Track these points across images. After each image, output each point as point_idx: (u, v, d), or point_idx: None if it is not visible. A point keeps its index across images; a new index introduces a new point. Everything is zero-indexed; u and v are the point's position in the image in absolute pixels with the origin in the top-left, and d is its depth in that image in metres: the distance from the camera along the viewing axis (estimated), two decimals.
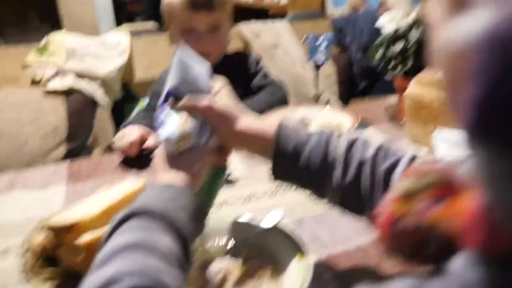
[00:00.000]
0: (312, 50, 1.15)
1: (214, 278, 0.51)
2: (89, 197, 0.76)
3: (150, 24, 2.05)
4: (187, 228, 0.45)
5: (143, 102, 2.03)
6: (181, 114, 0.55)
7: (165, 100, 0.56)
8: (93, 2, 3.03)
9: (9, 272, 0.67)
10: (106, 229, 0.47)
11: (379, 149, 0.51)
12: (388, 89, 1.88)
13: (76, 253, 0.61)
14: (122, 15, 3.55)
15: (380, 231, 0.32)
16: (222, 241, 0.63)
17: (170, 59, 0.55)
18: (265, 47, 2.02)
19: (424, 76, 0.98)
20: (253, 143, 0.56)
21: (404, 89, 1.06)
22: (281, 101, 1.17)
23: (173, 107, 0.55)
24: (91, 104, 1.86)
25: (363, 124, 1.15)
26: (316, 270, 0.61)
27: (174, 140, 0.52)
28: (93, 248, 0.60)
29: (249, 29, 2.07)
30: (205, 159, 0.54)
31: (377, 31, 2.38)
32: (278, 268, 0.58)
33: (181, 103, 0.55)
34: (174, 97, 0.56)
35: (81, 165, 1.04)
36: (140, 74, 2.03)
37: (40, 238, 0.67)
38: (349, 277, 0.61)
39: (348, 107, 1.41)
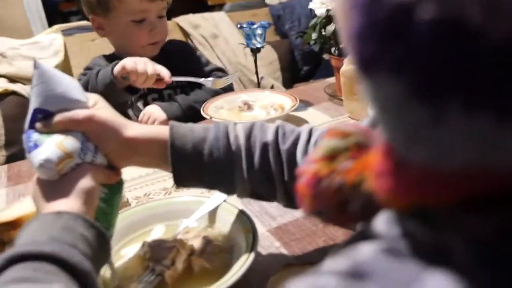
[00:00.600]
0: (247, 37, 1.17)
1: (166, 255, 0.52)
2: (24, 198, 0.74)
3: (83, 22, 1.97)
4: (84, 263, 0.38)
5: None
6: (54, 134, 0.48)
7: (32, 120, 0.49)
8: (23, 5, 2.87)
9: None
10: None
11: (277, 130, 0.52)
12: (330, 72, 1.95)
13: None
14: (55, 15, 3.38)
15: (302, 191, 0.31)
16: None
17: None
18: (205, 38, 2.02)
19: None
20: (147, 151, 0.52)
21: (339, 67, 1.12)
22: (227, 88, 1.19)
23: (44, 127, 0.48)
24: (28, 107, 1.78)
25: (305, 103, 1.19)
26: (266, 240, 0.64)
27: (54, 162, 0.45)
28: None
29: (188, 21, 2.06)
30: (94, 177, 0.47)
31: (314, 17, 2.45)
32: (227, 242, 0.60)
33: (54, 119, 0.48)
34: (43, 116, 0.48)
35: (20, 167, 1.00)
36: (77, 72, 1.96)
37: None
38: (299, 243, 0.64)
39: (290, 90, 1.45)
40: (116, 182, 0.52)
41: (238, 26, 1.17)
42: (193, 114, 1.15)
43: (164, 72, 0.97)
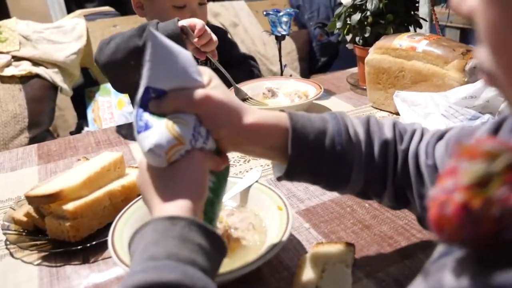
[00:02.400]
0: (273, 24, 1.18)
1: None
2: (63, 173, 0.76)
3: (106, 8, 1.99)
4: (205, 280, 0.37)
5: (106, 87, 2.01)
6: (166, 116, 0.44)
7: (144, 99, 0.45)
8: None
9: None
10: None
11: (394, 127, 0.51)
12: (346, 64, 1.95)
13: (62, 221, 0.62)
14: (71, 2, 3.42)
15: (445, 222, 0.28)
16: None
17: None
18: (225, 26, 2.03)
19: (381, 43, 1.03)
20: (264, 140, 0.48)
21: (364, 57, 1.12)
22: (259, 74, 1.20)
23: (157, 107, 0.45)
24: (51, 89, 1.81)
25: (327, 92, 1.20)
26: (295, 221, 0.66)
27: (164, 149, 0.42)
28: (79, 215, 0.62)
29: (208, 9, 2.06)
30: (204, 166, 0.45)
31: (334, 8, 2.45)
32: (259, 221, 0.62)
33: (167, 99, 0.45)
34: (156, 94, 0.45)
35: (50, 146, 1.03)
36: None
37: (23, 211, 0.68)
38: (328, 224, 0.65)
39: (313, 79, 1.46)
40: (223, 168, 0.49)
41: (264, 13, 1.18)
42: None
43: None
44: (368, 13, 1.11)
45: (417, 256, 0.58)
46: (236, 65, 1.22)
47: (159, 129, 0.43)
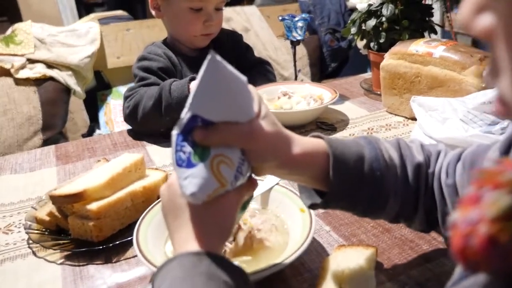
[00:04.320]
0: (288, 29, 1.19)
1: None
2: (85, 173, 0.77)
3: (119, 12, 2.02)
4: None
5: (118, 90, 2.03)
6: (210, 151, 0.41)
7: (188, 126, 0.41)
8: None
9: (15, 246, 0.67)
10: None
11: (423, 151, 0.51)
12: (356, 70, 1.96)
13: (85, 221, 0.63)
14: (80, 7, 3.46)
15: (472, 255, 0.27)
16: None
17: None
18: (236, 31, 2.04)
19: (397, 49, 1.04)
20: (307, 168, 0.47)
21: (378, 62, 1.13)
22: (274, 79, 1.21)
23: (202, 137, 0.41)
24: (64, 92, 1.83)
25: (341, 97, 1.21)
26: (316, 224, 0.66)
27: (207, 194, 0.40)
28: (102, 215, 0.62)
29: None
30: (237, 209, 0.44)
31: (344, 14, 2.46)
32: (281, 223, 0.62)
33: (215, 133, 0.41)
34: (203, 123, 0.41)
35: (67, 147, 1.04)
36: (112, 61, 2.01)
37: (45, 211, 0.69)
38: (348, 227, 0.66)
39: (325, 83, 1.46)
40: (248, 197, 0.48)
41: (280, 18, 1.18)
42: None
43: None
44: (384, 19, 1.12)
45: (439, 259, 0.58)
46: (252, 69, 1.23)
47: (203, 172, 0.40)
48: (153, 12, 1.17)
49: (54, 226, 0.68)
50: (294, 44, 1.20)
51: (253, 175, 0.47)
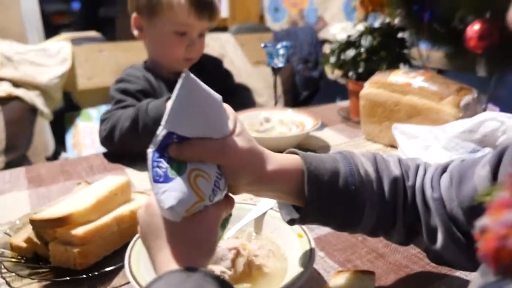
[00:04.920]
0: (270, 56, 1.20)
1: (227, 255, 0.53)
2: (65, 196, 0.73)
3: (92, 33, 1.98)
4: None
5: (87, 112, 1.97)
6: (186, 165, 0.41)
7: (164, 143, 0.42)
8: (19, 9, 2.85)
9: None
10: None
11: (400, 165, 0.52)
12: (326, 99, 2.01)
13: (68, 247, 0.59)
14: (46, 27, 3.39)
15: (507, 256, 0.27)
16: None
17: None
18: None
19: (377, 78, 1.08)
20: (281, 184, 0.47)
21: (357, 91, 1.16)
22: (254, 105, 1.22)
23: (177, 153, 0.42)
24: (30, 112, 1.76)
25: (322, 125, 1.23)
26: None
27: (186, 207, 0.40)
28: (88, 240, 0.59)
29: None
30: (218, 223, 0.44)
31: (316, 46, 2.54)
32: (277, 248, 0.61)
33: (190, 148, 0.42)
34: (178, 140, 0.42)
35: (39, 170, 0.98)
36: (83, 83, 1.95)
37: (22, 236, 0.64)
38: (342, 253, 0.65)
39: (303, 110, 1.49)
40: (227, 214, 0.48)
41: (262, 45, 1.20)
42: None
43: None
44: (362, 49, 1.16)
45: (435, 284, 0.58)
46: (232, 95, 1.23)
47: (181, 185, 0.40)
48: (135, 33, 1.16)
49: (31, 254, 0.63)
50: (275, 71, 1.22)
51: (230, 194, 0.47)
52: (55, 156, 1.91)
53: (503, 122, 0.78)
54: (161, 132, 0.42)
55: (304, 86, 2.42)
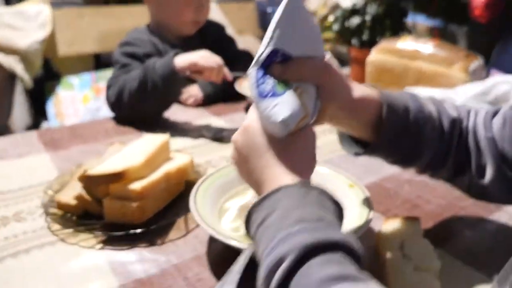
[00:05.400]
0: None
1: None
2: (106, 155, 0.72)
3: None
4: (361, 248, 0.36)
5: (68, 80, 1.88)
6: (289, 83, 0.42)
7: (268, 61, 0.42)
8: None
9: (35, 233, 0.61)
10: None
11: (456, 108, 0.55)
12: None
13: (126, 203, 0.59)
14: None
15: None
16: None
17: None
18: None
19: (384, 44, 1.11)
20: (365, 113, 0.49)
21: (359, 58, 1.20)
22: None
23: (280, 72, 0.42)
24: (9, 80, 1.66)
25: None
26: None
27: (295, 121, 0.41)
28: (145, 195, 0.59)
29: None
30: (315, 138, 0.45)
31: None
32: None
33: (293, 66, 0.43)
34: (282, 58, 0.42)
35: (52, 134, 0.95)
36: (63, 49, 1.86)
37: (69, 195, 0.63)
38: (377, 205, 0.69)
39: None
40: None
41: (270, 10, 1.20)
42: (223, 92, 1.18)
43: (226, 70, 0.97)
44: (368, 17, 1.19)
45: (477, 224, 0.64)
46: (235, 61, 1.23)
47: (291, 98, 0.41)
48: None
49: (81, 211, 0.63)
50: None
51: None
52: (36, 126, 1.83)
53: None
54: (265, 50, 0.42)
55: None
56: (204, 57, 0.92)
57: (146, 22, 1.20)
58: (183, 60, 0.92)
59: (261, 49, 0.42)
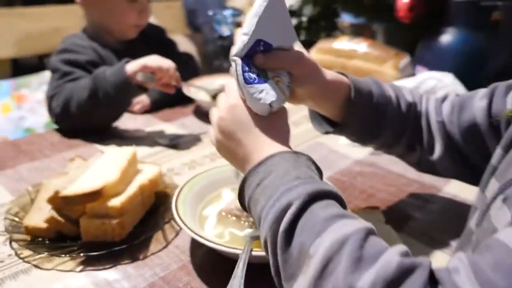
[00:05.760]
0: (218, 23, 1.23)
1: None
2: (50, 174, 0.69)
3: None
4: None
5: None
6: (268, 72, 0.48)
7: (251, 50, 0.47)
8: None
9: (3, 264, 0.57)
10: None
11: (411, 92, 0.62)
12: None
13: (105, 220, 0.58)
14: None
15: None
16: None
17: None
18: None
19: (322, 45, 1.19)
20: (336, 95, 0.55)
21: None
22: (199, 73, 1.23)
23: (262, 61, 0.48)
24: None
25: None
26: None
27: (278, 106, 0.47)
28: (125, 211, 0.59)
29: None
30: (287, 117, 0.51)
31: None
32: None
33: (274, 57, 0.48)
34: (264, 48, 0.47)
35: None
36: None
37: (40, 217, 0.60)
38: None
39: None
40: None
41: (211, 13, 1.21)
42: (170, 97, 1.17)
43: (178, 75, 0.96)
44: (304, 18, 1.26)
45: (426, 200, 0.72)
46: (179, 63, 1.22)
47: (273, 87, 0.47)
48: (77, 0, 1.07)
49: (52, 234, 0.60)
50: (223, 38, 1.25)
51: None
52: None
53: (440, 80, 0.95)
54: (248, 40, 0.46)
55: (216, 55, 2.44)
56: (156, 60, 0.92)
57: (67, 23, 1.15)
58: (134, 64, 0.90)
59: (243, 38, 0.46)
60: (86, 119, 0.94)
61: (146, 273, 0.57)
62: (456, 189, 0.77)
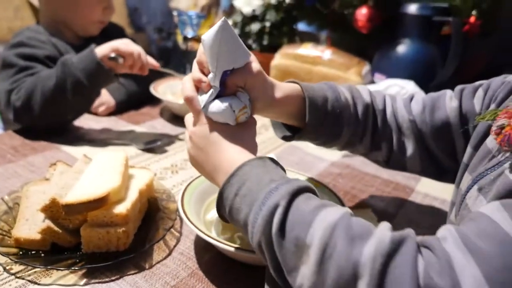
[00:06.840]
0: (182, 24, 1.20)
1: None
2: (20, 181, 0.64)
3: None
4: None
5: None
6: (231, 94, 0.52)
7: (222, 80, 0.50)
8: None
9: None
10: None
11: (370, 94, 0.64)
12: (178, 69, 2.06)
13: (111, 229, 0.54)
14: None
15: None
16: None
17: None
18: None
19: (287, 50, 1.22)
20: (289, 109, 0.58)
21: (261, 62, 1.27)
22: (162, 72, 1.20)
23: (230, 85, 0.51)
24: None
25: None
26: None
27: (237, 108, 0.51)
28: (130, 219, 0.57)
29: None
30: (255, 129, 0.55)
31: (169, 14, 2.50)
32: None
33: (238, 78, 0.51)
34: (230, 72, 0.51)
35: None
36: None
37: (31, 227, 0.55)
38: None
39: None
40: None
41: (175, 13, 1.18)
42: (135, 98, 1.13)
43: (152, 59, 0.93)
44: (267, 23, 1.28)
45: (403, 199, 0.78)
46: None
47: (229, 96, 0.51)
48: None
49: (47, 246, 0.55)
50: (187, 40, 1.22)
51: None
52: None
53: (403, 87, 1.03)
54: (218, 73, 0.49)
55: (159, 56, 2.38)
56: (126, 43, 0.88)
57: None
58: (104, 47, 0.86)
59: (213, 72, 0.50)
60: (51, 111, 0.87)
61: (157, 282, 0.54)
62: (428, 188, 0.84)
